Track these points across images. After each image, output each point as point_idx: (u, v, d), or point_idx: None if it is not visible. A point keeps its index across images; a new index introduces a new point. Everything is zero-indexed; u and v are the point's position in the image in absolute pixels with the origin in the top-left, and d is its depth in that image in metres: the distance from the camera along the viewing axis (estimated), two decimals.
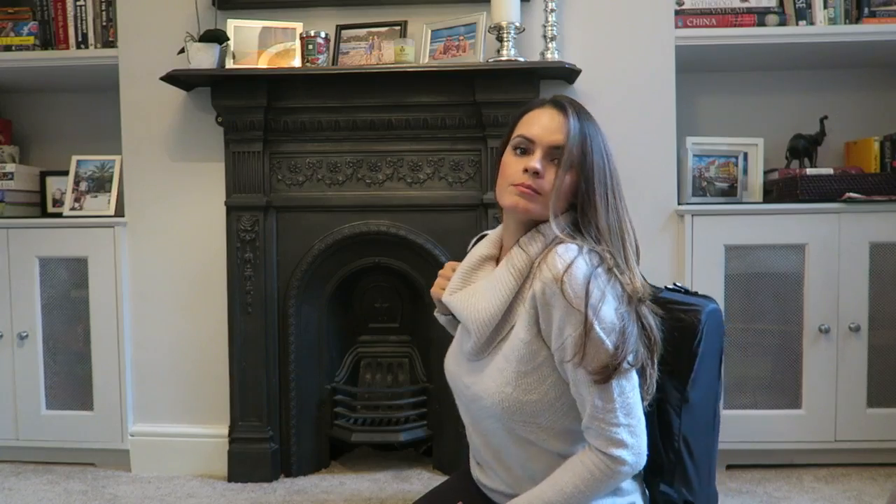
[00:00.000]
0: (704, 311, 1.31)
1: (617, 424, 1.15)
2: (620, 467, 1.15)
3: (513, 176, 1.25)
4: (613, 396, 1.14)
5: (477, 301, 1.25)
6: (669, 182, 2.39)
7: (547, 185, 1.22)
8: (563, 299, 1.14)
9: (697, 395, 1.30)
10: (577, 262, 1.15)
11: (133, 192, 2.49)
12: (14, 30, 2.57)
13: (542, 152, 1.23)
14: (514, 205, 1.24)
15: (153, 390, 2.49)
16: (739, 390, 2.37)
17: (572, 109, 1.25)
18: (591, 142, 1.23)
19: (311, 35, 2.31)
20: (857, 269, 2.33)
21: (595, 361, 1.13)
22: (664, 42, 2.38)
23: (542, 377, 1.20)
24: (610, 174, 1.24)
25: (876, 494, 2.17)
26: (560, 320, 1.15)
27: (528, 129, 1.26)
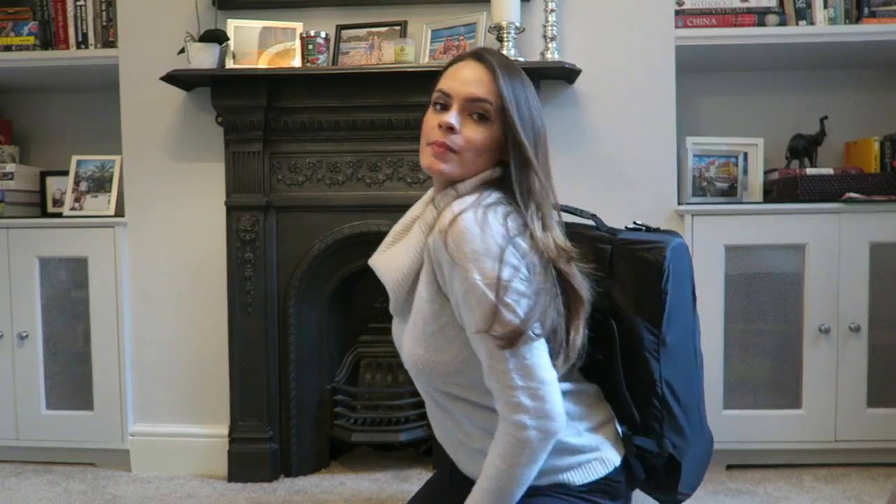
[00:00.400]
0: (669, 248, 1.23)
1: (512, 387, 1.09)
2: (524, 433, 1.09)
3: (429, 133, 1.19)
4: (505, 357, 1.09)
5: (391, 261, 1.20)
6: (669, 182, 2.39)
7: (462, 141, 1.15)
8: (447, 252, 1.08)
9: (674, 335, 1.24)
10: (465, 214, 1.09)
11: (133, 192, 2.49)
12: (14, 30, 2.57)
13: (459, 106, 1.16)
14: (428, 166, 1.18)
15: (153, 390, 2.49)
16: (739, 390, 2.37)
17: (494, 60, 1.18)
18: (515, 94, 1.16)
19: (311, 35, 2.31)
20: (857, 269, 2.33)
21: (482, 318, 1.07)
22: (664, 42, 2.38)
23: (450, 337, 1.15)
24: (536, 129, 1.18)
25: (876, 494, 2.17)
26: (449, 276, 1.10)
27: (445, 82, 1.20)
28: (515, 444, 1.10)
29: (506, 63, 1.19)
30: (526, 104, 1.17)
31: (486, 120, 1.16)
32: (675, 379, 1.25)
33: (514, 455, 1.10)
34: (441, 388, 1.21)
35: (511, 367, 1.09)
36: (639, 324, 1.22)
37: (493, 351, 1.09)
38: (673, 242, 1.25)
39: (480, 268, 1.07)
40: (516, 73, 1.20)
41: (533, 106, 1.19)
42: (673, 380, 1.24)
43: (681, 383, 1.26)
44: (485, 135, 1.16)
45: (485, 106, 1.15)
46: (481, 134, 1.16)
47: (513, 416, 1.10)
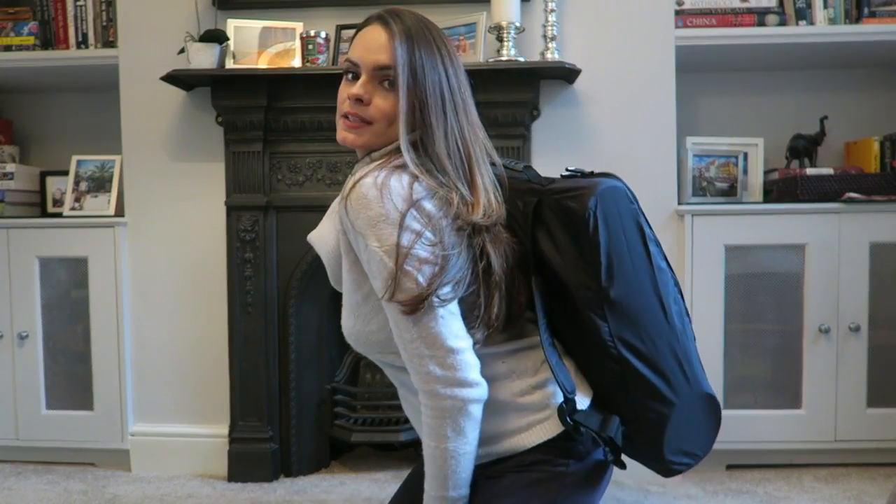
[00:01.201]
0: (596, 192, 1.11)
1: (420, 356, 1.05)
2: (439, 403, 1.05)
3: (341, 105, 1.15)
4: (408, 326, 1.05)
5: (321, 233, 1.18)
6: (669, 182, 2.39)
7: (374, 111, 1.11)
8: (348, 220, 1.06)
9: (620, 289, 1.11)
10: (365, 180, 1.05)
11: (133, 192, 2.49)
12: (14, 30, 2.57)
13: (368, 75, 1.11)
14: (342, 139, 1.15)
15: (153, 390, 2.49)
16: (739, 390, 2.37)
17: (398, 22, 1.12)
18: (422, 56, 1.10)
19: (311, 35, 2.31)
20: (857, 269, 2.33)
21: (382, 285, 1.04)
22: (664, 42, 2.38)
23: (375, 307, 1.11)
24: (449, 90, 1.11)
25: (876, 494, 2.17)
26: (355, 243, 1.08)
27: (353, 50, 1.15)
28: (435, 417, 1.06)
29: (410, 24, 1.12)
30: (432, 65, 1.10)
31: (395, 87, 1.10)
32: (635, 337, 1.13)
33: (437, 428, 1.06)
34: (381, 359, 1.18)
35: (416, 335, 1.05)
36: (573, 280, 1.12)
37: (399, 319, 1.05)
38: (602, 185, 1.13)
39: (378, 234, 1.03)
40: (425, 32, 1.13)
41: (444, 64, 1.12)
42: (633, 338, 1.12)
43: (648, 342, 1.13)
44: (393, 103, 1.10)
45: (391, 73, 1.10)
46: (392, 102, 1.10)
47: (425, 387, 1.06)
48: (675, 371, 1.17)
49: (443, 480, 1.09)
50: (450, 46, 1.15)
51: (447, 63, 1.13)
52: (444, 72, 1.12)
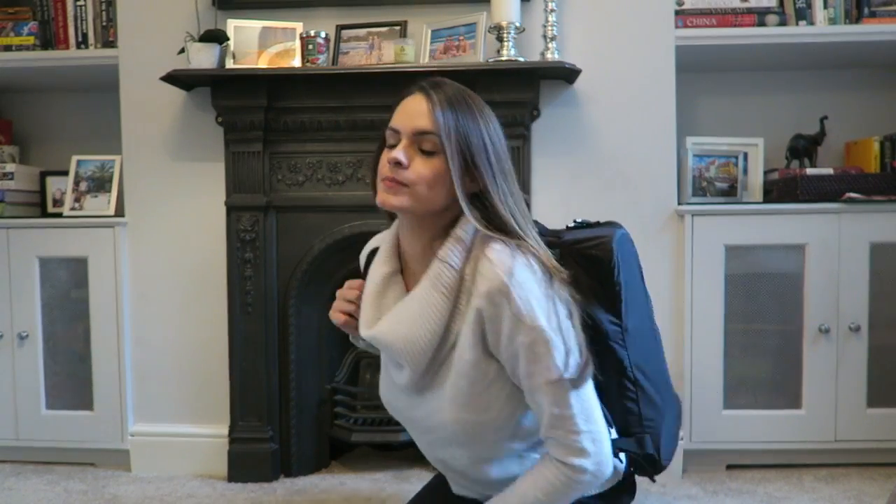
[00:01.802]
0: (614, 240, 1.29)
1: (577, 432, 1.11)
2: (581, 476, 1.12)
3: (381, 170, 1.17)
4: (570, 402, 1.10)
5: (406, 331, 1.14)
6: (669, 182, 2.39)
7: (412, 175, 1.13)
8: (510, 309, 1.09)
9: (633, 320, 1.30)
10: (516, 267, 1.10)
11: (133, 192, 2.49)
12: (14, 30, 2.57)
13: (408, 140, 1.15)
14: (381, 202, 1.17)
15: (153, 390, 2.49)
16: (739, 390, 2.37)
17: (438, 90, 1.16)
18: (463, 122, 1.14)
19: (311, 35, 2.31)
20: (857, 269, 2.33)
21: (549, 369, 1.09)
22: (664, 42, 2.38)
23: (496, 393, 1.16)
24: (495, 155, 1.16)
25: (876, 494, 2.17)
26: (510, 329, 1.10)
27: (394, 118, 1.18)
28: (568, 485, 1.12)
29: (450, 93, 1.17)
30: (475, 129, 1.15)
31: (434, 153, 1.14)
32: (643, 360, 1.31)
33: (561, 493, 1.13)
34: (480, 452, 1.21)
35: (576, 411, 1.11)
36: (601, 318, 1.26)
37: (560, 398, 1.11)
38: (617, 235, 1.31)
39: (546, 314, 1.10)
40: (464, 99, 1.17)
41: (486, 129, 1.17)
42: (642, 361, 1.31)
43: (649, 362, 1.33)
44: (434, 167, 1.13)
45: (431, 138, 1.13)
46: (430, 167, 1.13)
47: (573, 460, 1.12)
48: (665, 382, 1.37)
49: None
50: (489, 113, 1.20)
51: (490, 129, 1.18)
52: (488, 137, 1.16)
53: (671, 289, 2.36)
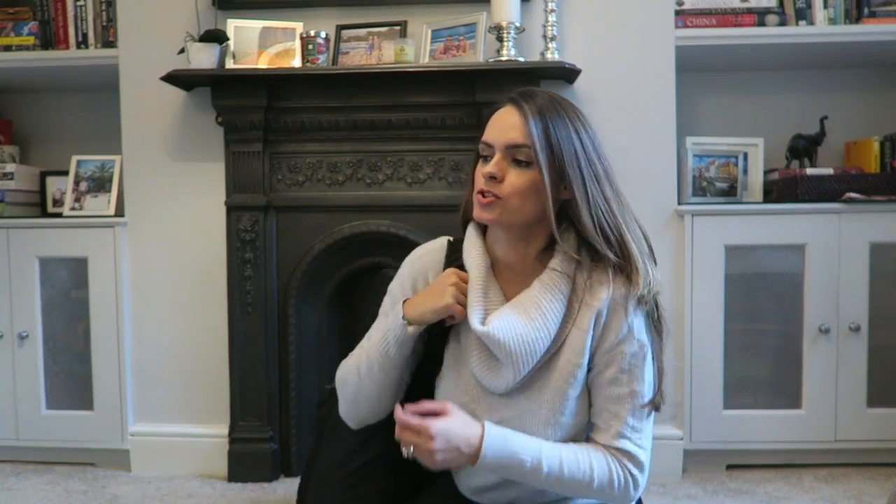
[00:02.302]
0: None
1: (644, 448, 1.16)
2: (632, 490, 1.16)
3: (475, 183, 1.18)
4: (645, 420, 1.17)
5: (523, 332, 1.13)
6: (669, 182, 2.39)
7: (507, 187, 1.14)
8: (626, 318, 1.15)
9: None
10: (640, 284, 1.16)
11: (133, 192, 2.49)
12: (14, 30, 2.57)
13: (501, 154, 1.15)
14: (478, 218, 1.17)
15: (153, 390, 2.49)
16: (739, 390, 2.37)
17: (529, 101, 1.16)
18: (555, 133, 1.13)
19: (311, 35, 2.31)
20: (857, 269, 2.33)
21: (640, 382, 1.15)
22: (664, 42, 2.38)
23: (584, 400, 1.19)
24: (587, 161, 1.15)
25: (876, 494, 2.17)
26: (618, 336, 1.15)
27: (486, 132, 1.19)
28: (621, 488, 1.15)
29: (541, 102, 1.17)
30: (566, 138, 1.14)
31: (528, 164, 1.14)
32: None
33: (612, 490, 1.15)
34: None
35: (647, 429, 1.18)
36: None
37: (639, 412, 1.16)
38: None
39: (648, 332, 1.17)
40: (558, 109, 1.17)
41: (581, 139, 1.16)
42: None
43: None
44: (527, 179, 1.14)
45: (524, 151, 1.14)
46: (524, 179, 1.14)
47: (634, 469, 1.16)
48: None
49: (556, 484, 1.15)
50: (583, 118, 1.19)
51: (583, 135, 1.17)
52: (580, 144, 1.16)
53: (671, 289, 2.36)
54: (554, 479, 1.12)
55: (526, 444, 1.12)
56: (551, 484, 1.13)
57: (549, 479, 1.12)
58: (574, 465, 1.12)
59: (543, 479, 1.12)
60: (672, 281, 2.37)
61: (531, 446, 1.12)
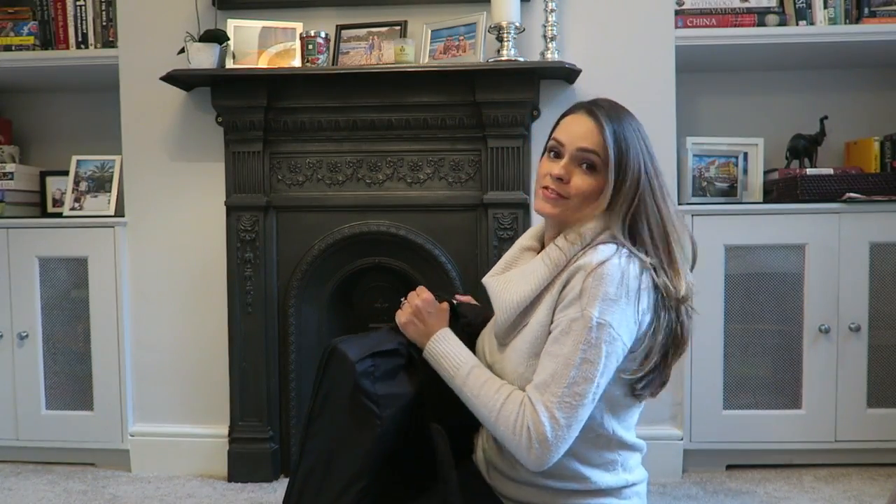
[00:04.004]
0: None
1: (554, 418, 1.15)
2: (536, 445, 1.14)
3: (541, 179, 1.30)
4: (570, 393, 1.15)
5: (510, 286, 1.29)
6: (669, 182, 2.38)
7: (572, 189, 1.25)
8: (581, 285, 1.17)
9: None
10: (612, 261, 1.18)
11: (133, 192, 2.49)
12: (14, 30, 2.57)
13: (570, 156, 1.26)
14: (539, 209, 1.30)
15: (153, 390, 2.49)
16: (739, 390, 2.37)
17: (604, 114, 1.26)
18: (625, 145, 1.23)
19: (311, 35, 2.31)
20: (857, 269, 2.33)
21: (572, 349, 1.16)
22: (664, 42, 2.38)
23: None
24: (648, 177, 1.24)
25: (876, 494, 2.17)
26: (568, 302, 1.19)
27: (560, 132, 1.30)
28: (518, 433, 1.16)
29: (618, 114, 1.27)
30: (635, 153, 1.24)
31: (594, 170, 1.25)
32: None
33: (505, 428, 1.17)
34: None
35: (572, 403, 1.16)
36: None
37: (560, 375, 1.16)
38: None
39: (602, 309, 1.16)
40: (627, 122, 1.26)
41: (643, 153, 1.25)
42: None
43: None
44: (592, 184, 1.25)
45: (593, 157, 1.24)
46: (588, 183, 1.25)
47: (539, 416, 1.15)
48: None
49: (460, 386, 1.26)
50: (644, 133, 1.29)
51: (646, 150, 1.26)
52: (646, 159, 1.25)
53: None
54: (471, 395, 1.23)
55: (466, 356, 1.28)
56: (466, 396, 1.24)
57: (465, 392, 1.24)
58: (491, 392, 1.21)
59: (462, 390, 1.25)
60: None
61: (469, 359, 1.28)
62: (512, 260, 1.39)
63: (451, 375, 1.27)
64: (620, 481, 1.27)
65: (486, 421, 1.23)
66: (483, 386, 1.23)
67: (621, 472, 1.28)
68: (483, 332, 1.43)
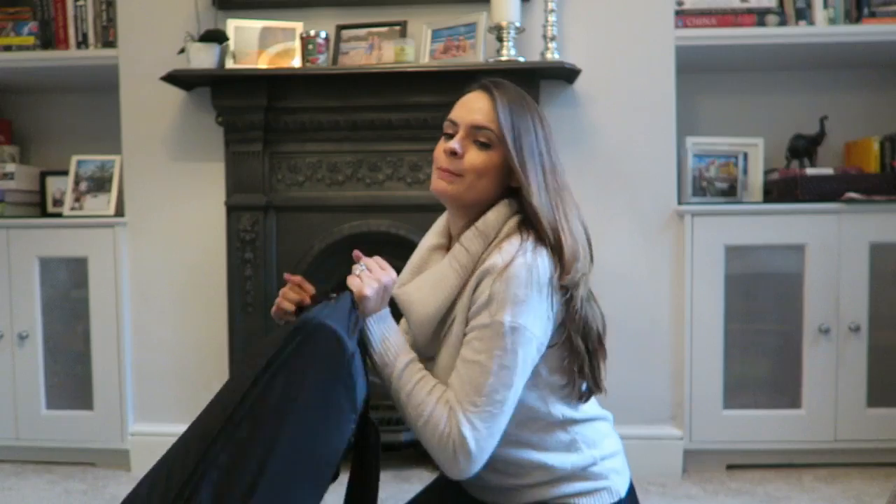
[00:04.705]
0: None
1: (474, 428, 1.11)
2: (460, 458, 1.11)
3: (437, 159, 1.25)
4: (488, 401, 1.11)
5: (418, 295, 1.23)
6: (669, 182, 2.39)
7: (465, 164, 1.21)
8: (490, 289, 1.13)
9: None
10: (518, 261, 1.13)
11: (133, 192, 2.49)
12: (14, 30, 2.57)
13: (464, 132, 1.23)
14: (435, 189, 1.24)
15: (153, 390, 2.49)
16: (739, 390, 2.37)
17: (497, 89, 1.23)
18: (517, 120, 1.21)
19: (311, 35, 2.31)
20: (857, 269, 2.33)
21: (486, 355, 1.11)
22: (664, 42, 2.38)
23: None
24: (542, 153, 1.22)
25: (876, 494, 2.17)
26: (479, 307, 1.14)
27: (454, 111, 1.27)
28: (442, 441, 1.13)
29: (510, 94, 1.24)
30: (527, 128, 1.22)
31: (487, 146, 1.21)
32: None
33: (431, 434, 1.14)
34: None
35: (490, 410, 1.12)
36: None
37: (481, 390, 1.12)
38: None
39: (514, 312, 1.11)
40: (520, 100, 1.24)
41: (536, 130, 1.23)
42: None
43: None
44: (486, 159, 1.21)
45: (486, 133, 1.21)
46: (482, 158, 1.21)
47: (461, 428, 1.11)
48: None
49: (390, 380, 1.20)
50: (542, 114, 1.27)
51: (539, 130, 1.24)
52: (536, 137, 1.23)
53: (671, 289, 2.36)
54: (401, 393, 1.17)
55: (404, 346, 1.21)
56: (395, 390, 1.18)
57: (395, 387, 1.18)
58: (421, 393, 1.16)
59: (394, 379, 1.18)
60: (672, 281, 2.37)
61: (407, 351, 1.20)
62: (420, 262, 1.32)
63: (385, 363, 1.19)
64: (587, 459, 1.22)
65: (411, 423, 1.17)
66: (416, 385, 1.17)
67: (585, 448, 1.23)
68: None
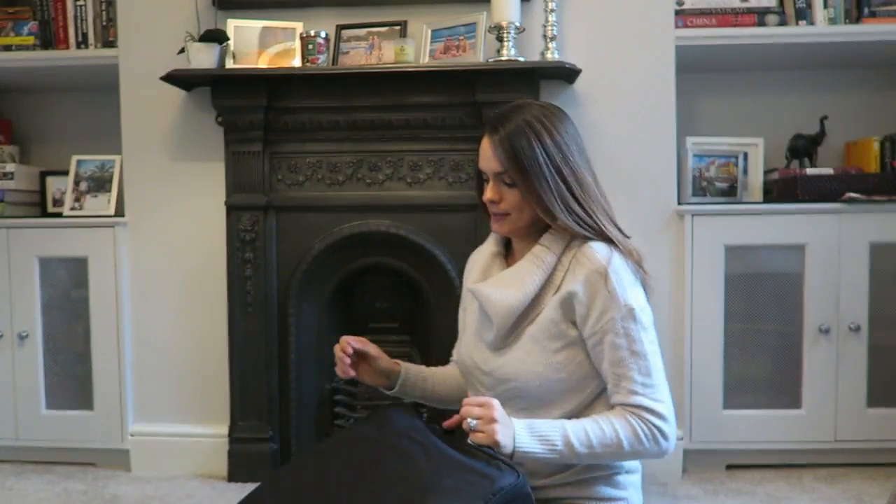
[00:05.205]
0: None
1: (659, 400, 1.25)
2: (662, 440, 1.24)
3: (483, 204, 1.41)
4: (652, 373, 1.26)
5: (504, 290, 1.34)
6: (669, 182, 2.39)
7: (506, 206, 1.35)
8: (606, 289, 1.26)
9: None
10: (614, 257, 1.29)
11: (133, 192, 2.49)
12: (14, 30, 2.57)
13: (493, 181, 1.36)
14: (496, 232, 1.43)
15: (153, 390, 2.49)
16: (739, 390, 2.37)
17: (500, 125, 1.33)
18: (518, 149, 1.30)
19: (311, 35, 2.31)
20: (857, 269, 2.33)
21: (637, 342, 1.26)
22: (664, 42, 2.38)
23: (570, 357, 1.30)
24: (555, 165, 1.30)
25: (876, 494, 2.17)
26: (603, 306, 1.27)
27: (479, 160, 1.39)
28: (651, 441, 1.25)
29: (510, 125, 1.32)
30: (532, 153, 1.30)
31: (513, 184, 1.33)
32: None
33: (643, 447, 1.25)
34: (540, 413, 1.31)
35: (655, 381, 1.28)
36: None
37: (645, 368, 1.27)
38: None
39: (633, 296, 1.28)
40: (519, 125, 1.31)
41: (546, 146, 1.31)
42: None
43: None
44: (518, 196, 1.34)
45: (505, 177, 1.34)
46: (516, 196, 1.34)
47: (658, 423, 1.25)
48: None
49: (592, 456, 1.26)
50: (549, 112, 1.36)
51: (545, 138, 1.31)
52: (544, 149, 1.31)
53: (671, 289, 2.36)
54: (586, 449, 1.23)
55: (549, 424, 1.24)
56: (586, 455, 1.24)
57: (581, 450, 1.22)
58: (598, 431, 1.23)
59: (577, 452, 1.22)
60: (672, 281, 2.37)
61: (554, 426, 1.24)
62: (486, 266, 1.46)
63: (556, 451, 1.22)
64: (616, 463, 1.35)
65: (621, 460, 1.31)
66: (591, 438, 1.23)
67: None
68: (462, 347, 1.49)
